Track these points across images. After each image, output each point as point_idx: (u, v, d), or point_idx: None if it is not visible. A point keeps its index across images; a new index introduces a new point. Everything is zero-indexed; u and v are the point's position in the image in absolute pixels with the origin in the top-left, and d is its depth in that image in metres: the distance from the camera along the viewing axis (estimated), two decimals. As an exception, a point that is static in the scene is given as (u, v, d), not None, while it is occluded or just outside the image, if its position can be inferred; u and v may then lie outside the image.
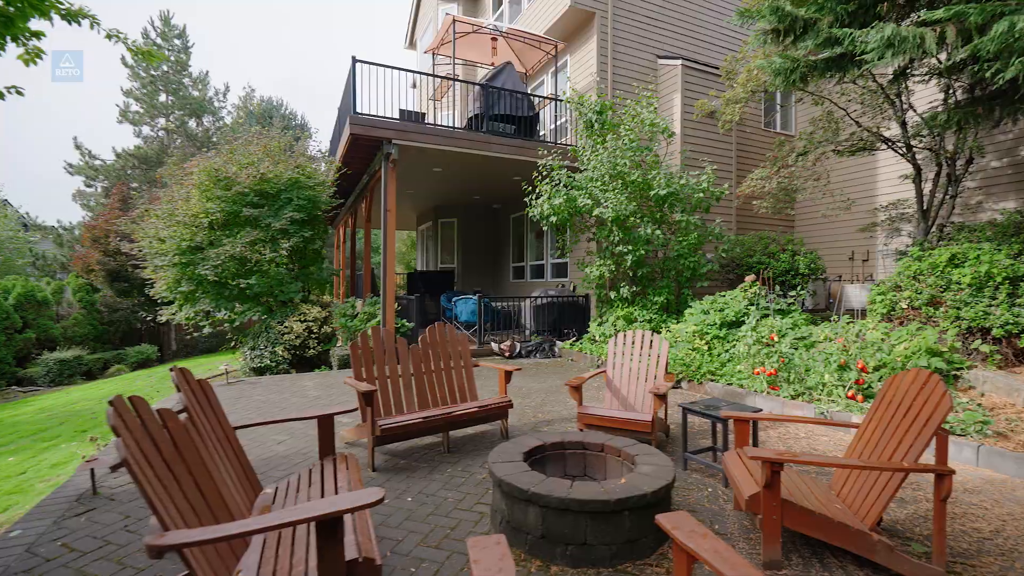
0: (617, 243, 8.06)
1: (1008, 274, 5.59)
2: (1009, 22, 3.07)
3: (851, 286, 9.60)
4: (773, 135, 11.31)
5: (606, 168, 7.94)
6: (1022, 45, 3.22)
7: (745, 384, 5.69)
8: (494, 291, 14.97)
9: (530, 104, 9.81)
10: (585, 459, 3.20)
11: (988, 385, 4.92)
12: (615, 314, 8.58)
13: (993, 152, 8.99)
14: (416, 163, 9.87)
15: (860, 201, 10.34)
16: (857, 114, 7.90)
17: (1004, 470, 3.48)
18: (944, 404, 2.19)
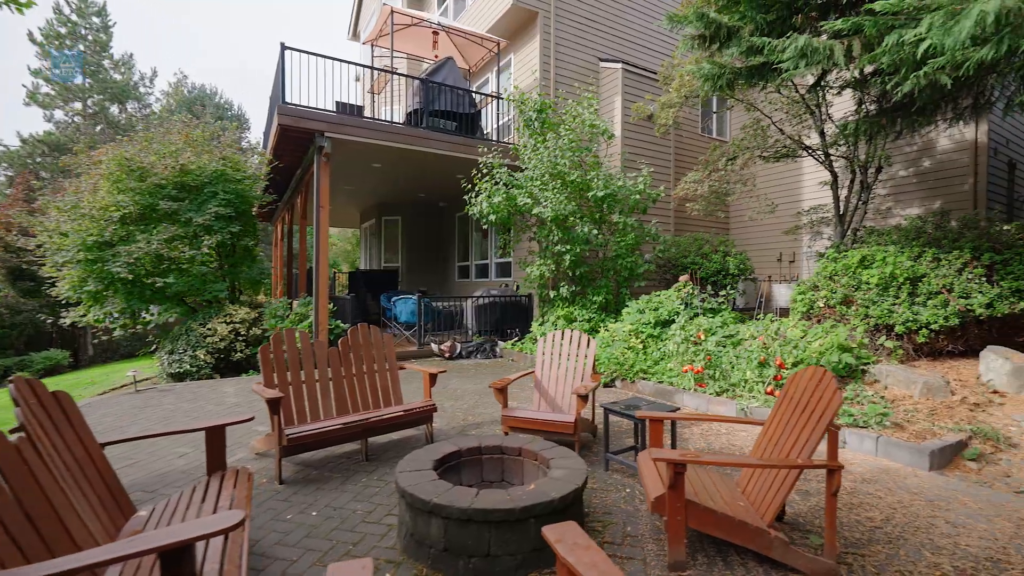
0: (556, 243, 8.08)
1: (909, 275, 6.01)
2: (898, 35, 3.27)
3: (778, 286, 10.11)
4: (709, 140, 11.73)
5: (546, 167, 7.93)
6: (913, 59, 3.43)
7: (675, 382, 5.81)
8: (440, 291, 14.73)
9: (472, 101, 9.67)
10: (503, 464, 3.11)
11: (891, 379, 5.26)
12: (555, 313, 8.60)
13: (901, 162, 9.72)
14: (354, 158, 9.50)
15: (787, 205, 10.92)
16: (782, 122, 8.31)
17: (899, 459, 3.69)
18: (835, 401, 2.25)
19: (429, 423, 4.21)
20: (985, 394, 4.91)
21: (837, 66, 4.46)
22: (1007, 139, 9.50)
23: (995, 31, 2.62)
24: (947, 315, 5.58)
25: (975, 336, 5.77)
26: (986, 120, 8.67)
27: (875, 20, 3.54)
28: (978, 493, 3.18)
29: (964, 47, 2.78)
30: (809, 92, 7.35)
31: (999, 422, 4.37)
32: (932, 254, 6.07)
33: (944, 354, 5.96)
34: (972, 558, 2.41)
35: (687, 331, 6.05)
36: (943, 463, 3.62)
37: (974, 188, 8.74)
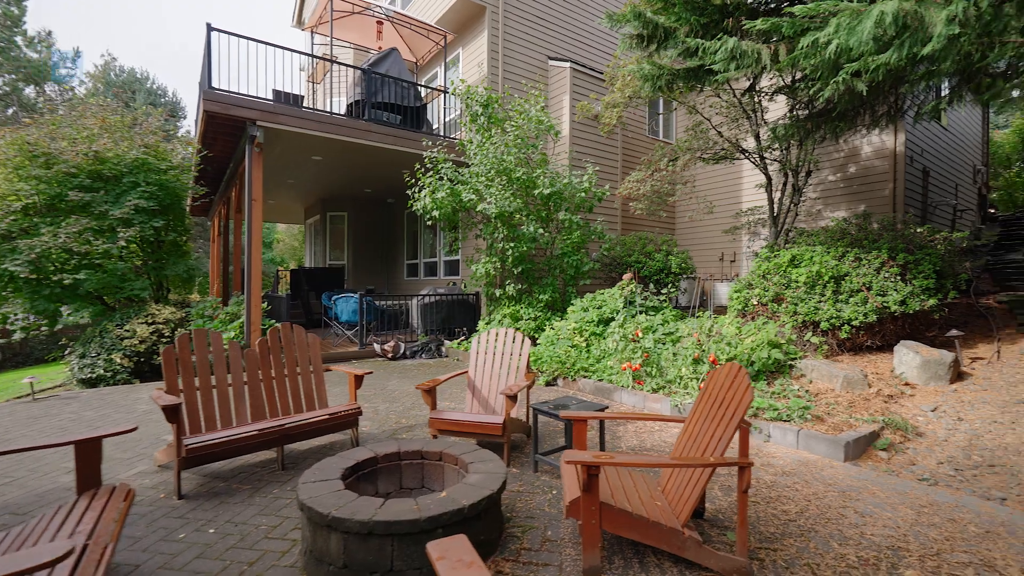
0: (501, 240, 7.98)
1: (833, 274, 6.29)
2: (812, 37, 3.38)
3: (720, 284, 10.44)
4: (655, 142, 11.97)
5: (491, 163, 7.81)
6: (829, 61, 3.55)
7: (614, 380, 5.83)
8: (389, 289, 14.35)
9: (417, 94, 9.41)
10: (423, 470, 2.96)
11: (815, 373, 5.47)
12: (502, 312, 8.49)
13: (830, 167, 10.24)
14: (293, 150, 9.05)
15: (727, 206, 11.30)
16: (721, 125, 8.55)
17: (818, 451, 3.81)
18: (746, 398, 2.24)
19: (354, 427, 3.99)
20: (898, 386, 5.19)
21: (765, 69, 4.57)
22: (922, 148, 10.20)
23: (895, 34, 2.74)
24: (866, 312, 5.89)
25: (891, 331, 6.11)
26: (903, 130, 9.27)
27: (792, 22, 3.64)
28: (886, 482, 3.31)
29: (868, 48, 2.88)
30: (746, 96, 7.59)
31: (909, 412, 4.62)
32: (854, 254, 6.38)
33: (864, 349, 6.29)
34: (875, 547, 2.48)
35: (625, 329, 6.10)
36: (857, 454, 3.76)
37: (893, 193, 9.32)
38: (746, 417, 4.43)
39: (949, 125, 11.87)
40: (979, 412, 4.44)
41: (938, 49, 2.63)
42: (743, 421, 2.25)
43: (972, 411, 4.49)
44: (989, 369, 5.42)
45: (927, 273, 6.00)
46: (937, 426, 4.31)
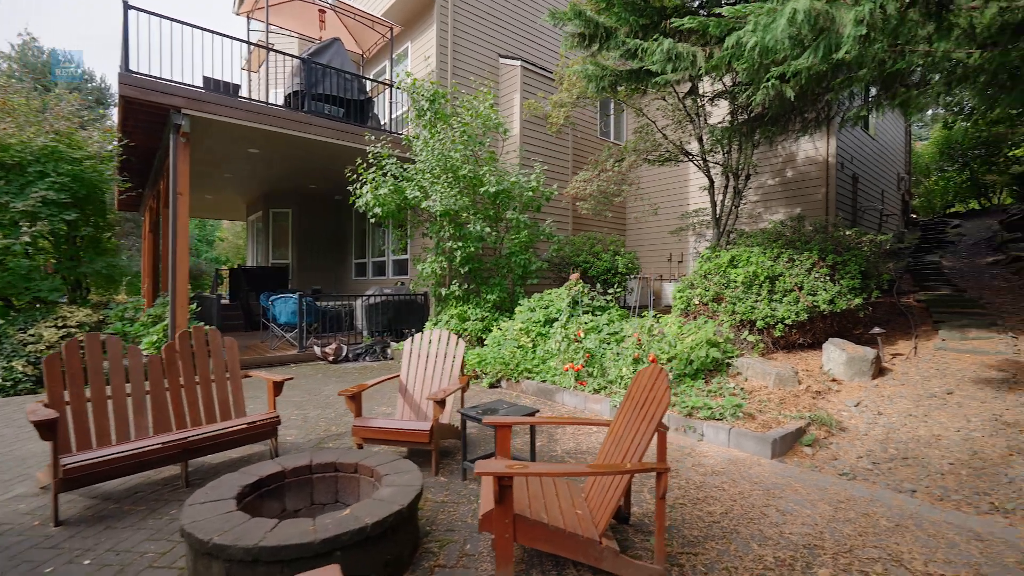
0: (448, 239, 7.79)
1: (768, 274, 6.49)
2: (736, 36, 3.42)
3: (668, 284, 10.65)
4: (605, 142, 12.09)
5: (436, 160, 7.61)
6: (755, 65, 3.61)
7: (557, 380, 5.77)
8: (337, 289, 13.83)
9: (361, 87, 9.08)
10: (338, 483, 2.75)
11: (750, 371, 5.61)
12: (449, 312, 8.31)
13: (769, 172, 10.64)
14: (226, 141, 8.51)
15: (675, 207, 11.55)
16: (667, 128, 8.69)
17: (747, 448, 3.86)
18: (664, 401, 2.18)
19: (273, 437, 3.72)
20: (826, 382, 5.39)
21: (701, 72, 4.61)
22: (852, 156, 10.77)
23: (810, 33, 2.79)
24: (798, 311, 6.10)
25: (820, 329, 6.36)
26: (835, 138, 9.74)
27: (719, 22, 3.68)
28: (808, 478, 3.38)
29: (784, 47, 2.93)
30: (690, 100, 7.74)
31: (834, 408, 4.79)
32: (788, 255, 6.60)
33: (797, 346, 6.52)
34: (793, 546, 2.48)
35: (567, 330, 6.05)
36: (783, 450, 3.83)
37: (826, 197, 9.78)
38: (682, 416, 4.47)
39: (876, 135, 12.61)
40: (896, 406, 4.65)
41: (853, 54, 2.70)
42: (660, 425, 2.19)
43: (890, 405, 4.70)
44: (907, 364, 5.72)
45: (853, 273, 6.28)
46: (859, 420, 4.47)
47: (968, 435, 3.96)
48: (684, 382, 5.39)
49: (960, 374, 5.22)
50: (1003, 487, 3.19)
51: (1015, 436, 3.85)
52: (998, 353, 5.60)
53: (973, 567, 2.32)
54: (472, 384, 6.45)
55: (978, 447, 3.75)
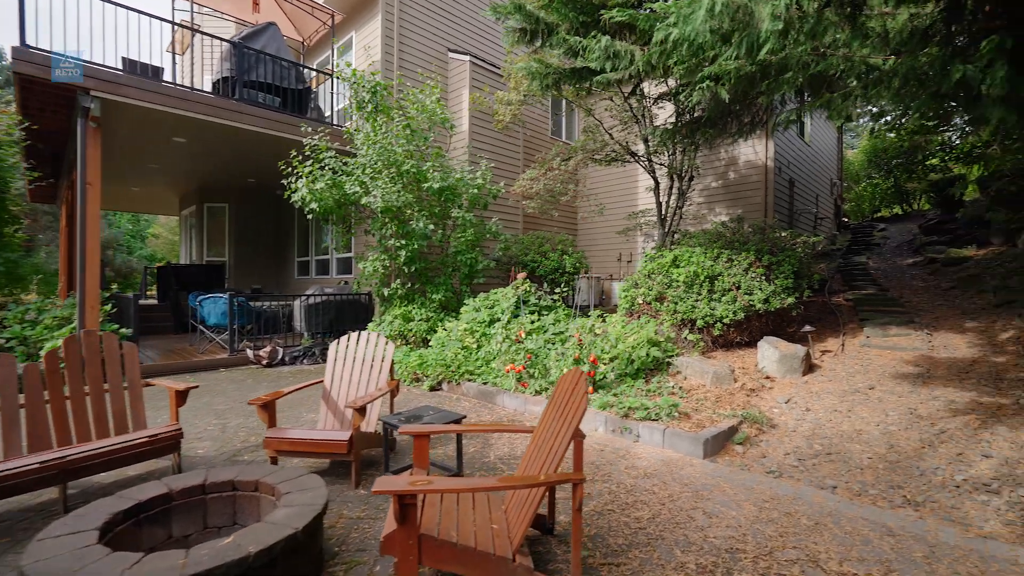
0: (390, 236, 7.50)
1: (708, 274, 6.60)
2: (664, 31, 3.41)
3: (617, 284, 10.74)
4: (556, 142, 12.09)
5: (378, 154, 7.31)
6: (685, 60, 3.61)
7: (499, 382, 5.63)
8: (279, 288, 13.17)
9: (300, 76, 8.62)
10: (235, 504, 2.49)
11: (689, 370, 5.67)
12: (393, 313, 8.02)
13: (713, 174, 10.93)
14: (147, 128, 7.86)
15: (625, 208, 11.68)
16: (614, 128, 8.74)
17: (681, 449, 3.85)
18: (581, 407, 2.07)
19: (175, 452, 3.37)
20: (760, 380, 5.52)
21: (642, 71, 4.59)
22: (789, 161, 11.24)
23: (730, 25, 2.80)
24: (735, 310, 6.23)
25: (756, 328, 6.54)
26: (772, 143, 10.11)
27: (647, 15, 3.66)
28: (737, 478, 3.39)
29: (706, 40, 2.93)
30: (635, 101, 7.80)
31: (766, 405, 4.89)
32: (727, 255, 6.75)
33: (734, 344, 6.68)
34: (715, 551, 2.44)
35: (509, 330, 5.93)
36: (716, 449, 3.85)
37: (764, 200, 10.14)
38: (619, 418, 4.42)
39: (811, 142, 13.25)
40: (823, 402, 4.80)
41: (776, 53, 2.73)
42: (577, 432, 2.08)
43: (818, 401, 4.84)
44: (835, 361, 5.95)
45: (787, 274, 6.48)
46: (788, 417, 4.58)
47: (886, 429, 4.12)
48: (625, 382, 5.38)
49: (881, 370, 5.46)
50: (915, 480, 3.30)
51: (927, 429, 4.03)
52: (915, 349, 5.92)
53: (884, 564, 2.34)
54: (412, 387, 6.22)
55: (894, 440, 3.90)
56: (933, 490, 3.16)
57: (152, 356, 7.88)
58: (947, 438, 3.85)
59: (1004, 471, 3.33)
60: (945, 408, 4.36)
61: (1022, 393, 4.45)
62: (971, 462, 3.48)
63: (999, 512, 2.89)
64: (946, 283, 8.29)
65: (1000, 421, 4.01)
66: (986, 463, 3.45)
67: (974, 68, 2.38)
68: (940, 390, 4.74)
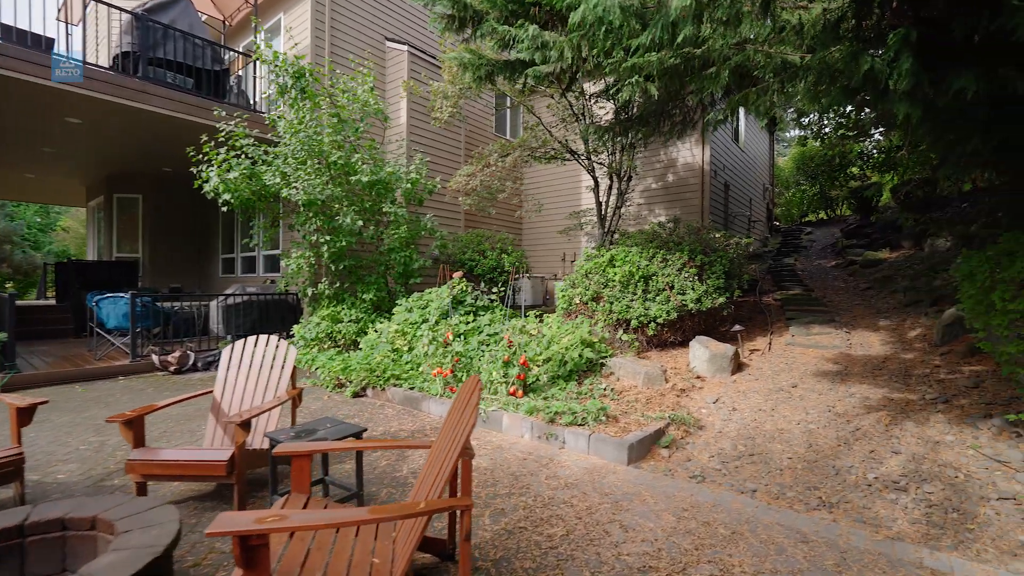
0: (315, 232, 7.01)
1: (643, 273, 6.58)
2: (581, 13, 3.27)
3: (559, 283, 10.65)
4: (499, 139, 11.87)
5: (302, 143, 6.80)
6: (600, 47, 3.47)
7: (426, 387, 5.32)
8: (202, 287, 12.19)
9: (217, 56, 7.93)
10: (66, 546, 2.07)
11: (622, 371, 5.59)
12: (320, 314, 7.52)
13: (652, 176, 11.07)
14: (32, 107, 6.94)
15: (568, 207, 11.63)
16: (553, 125, 8.61)
17: (606, 455, 3.70)
18: (471, 421, 1.82)
19: (17, 481, 2.85)
20: (691, 380, 5.52)
21: (568, 62, 4.43)
22: (724, 165, 11.58)
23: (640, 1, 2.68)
24: (668, 309, 6.23)
25: (689, 328, 6.58)
26: (709, 147, 10.36)
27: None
28: (659, 485, 3.26)
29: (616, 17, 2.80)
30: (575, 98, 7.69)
31: (696, 405, 4.87)
32: (662, 255, 6.75)
33: (668, 344, 6.69)
34: (627, 571, 2.27)
35: (436, 331, 5.63)
36: (641, 454, 3.73)
37: (701, 202, 10.37)
38: (544, 423, 4.21)
39: (745, 147, 13.76)
40: (749, 401, 4.83)
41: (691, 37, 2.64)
42: (466, 450, 1.83)
43: (744, 400, 4.86)
44: (762, 360, 6.06)
45: (719, 274, 6.56)
46: (716, 417, 4.55)
47: (807, 427, 4.16)
48: (557, 384, 5.22)
49: (804, 368, 5.59)
50: (830, 480, 3.30)
51: (843, 426, 4.10)
52: (834, 347, 6.13)
53: (797, 575, 2.25)
54: (334, 394, 5.80)
55: (814, 439, 3.93)
56: (847, 490, 3.16)
57: (38, 364, 6.97)
58: (861, 435, 3.92)
59: (911, 467, 3.40)
60: (860, 405, 4.47)
61: (927, 389, 4.64)
62: (882, 459, 3.54)
63: (906, 510, 2.91)
64: (863, 284, 8.74)
65: (908, 416, 4.14)
66: (895, 460, 3.51)
67: (881, 60, 2.37)
68: (856, 387, 4.88)
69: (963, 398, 4.35)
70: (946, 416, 4.07)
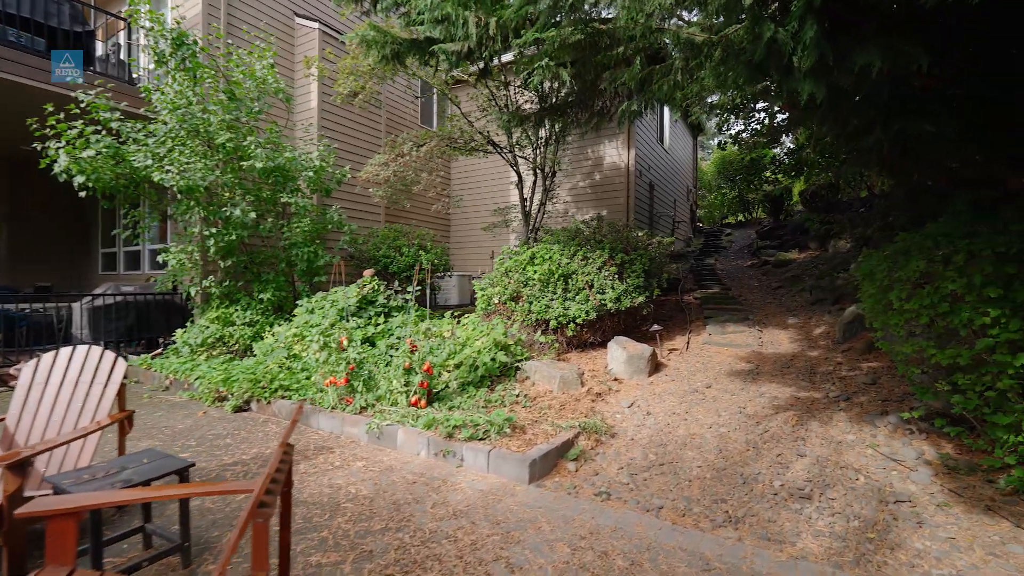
0: (198, 223, 6.15)
1: (564, 272, 6.32)
2: None
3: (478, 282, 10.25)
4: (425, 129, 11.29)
5: (180, 120, 5.92)
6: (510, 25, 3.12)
7: (319, 399, 4.72)
8: (80, 286, 10.62)
9: (77, 15, 6.78)
10: None
11: (538, 375, 5.27)
12: (208, 316, 6.64)
13: (580, 173, 10.96)
14: None
15: (497, 203, 11.27)
16: (478, 116, 8.19)
17: (506, 473, 3.33)
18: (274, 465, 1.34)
19: None
20: (608, 382, 5.31)
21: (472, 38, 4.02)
22: (649, 165, 11.71)
23: None
24: (588, 309, 6.01)
25: (609, 328, 6.40)
26: (634, 147, 10.39)
27: None
28: (560, 507, 2.93)
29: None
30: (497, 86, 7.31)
31: (610, 410, 4.63)
32: (583, 253, 6.53)
33: (588, 345, 6.49)
34: (504, 627, 1.89)
35: (329, 336, 5.04)
36: (545, 471, 3.39)
37: (627, 201, 10.38)
38: (442, 439, 3.72)
39: (670, 149, 14.08)
40: (664, 404, 4.66)
41: None
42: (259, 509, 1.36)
43: (659, 403, 4.70)
44: (680, 359, 5.98)
45: (638, 272, 6.42)
46: (630, 423, 4.33)
47: (718, 431, 4.02)
48: (467, 391, 4.80)
49: (719, 367, 5.56)
50: (738, 490, 3.13)
51: (752, 428, 4.00)
52: (747, 346, 6.18)
53: (696, 614, 1.97)
54: (213, 409, 5.04)
55: (724, 444, 3.79)
56: (754, 501, 2.99)
57: None
58: (770, 437, 3.83)
59: (815, 472, 3.30)
60: (770, 405, 4.42)
61: (831, 387, 4.70)
62: (788, 463, 3.43)
63: (810, 521, 2.77)
64: (775, 282, 9.06)
65: (813, 416, 4.12)
66: (801, 464, 3.42)
67: (785, 32, 2.19)
68: (767, 386, 4.86)
69: (862, 395, 4.42)
70: (847, 414, 4.08)
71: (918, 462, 3.34)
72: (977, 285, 2.73)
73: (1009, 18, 2.78)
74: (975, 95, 2.93)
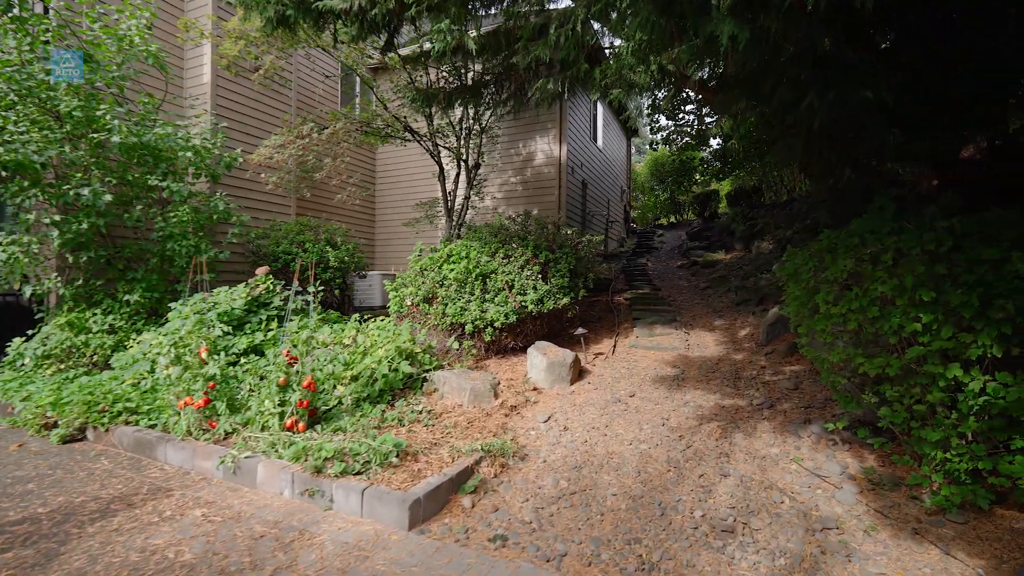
0: (31, 209, 5.04)
1: (483, 271, 5.77)
2: None
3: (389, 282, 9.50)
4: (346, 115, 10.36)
5: (6, 79, 4.79)
6: None
7: (171, 424, 3.86)
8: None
9: None
10: None
11: (447, 386, 4.68)
12: (57, 322, 5.50)
13: (511, 168, 10.47)
14: None
15: (420, 195, 10.54)
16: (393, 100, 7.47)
17: (382, 517, 2.71)
18: None
19: None
20: (525, 393, 4.80)
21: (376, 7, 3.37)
22: (582, 163, 11.43)
23: None
24: (507, 312, 5.50)
25: (531, 331, 5.91)
26: (567, 143, 10.04)
27: None
28: (440, 564, 2.36)
29: None
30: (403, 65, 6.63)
31: (525, 426, 4.13)
32: (504, 251, 6.02)
33: (509, 351, 5.96)
34: None
35: (183, 346, 4.18)
36: (432, 511, 2.81)
37: (558, 198, 10.01)
38: (309, 475, 2.98)
39: (604, 148, 13.93)
40: (584, 417, 4.22)
41: None
42: None
43: (579, 416, 4.25)
44: (605, 365, 5.60)
45: (563, 272, 5.98)
46: (544, 441, 3.85)
47: (639, 448, 3.62)
48: (363, 408, 4.13)
49: (644, 373, 5.22)
50: (655, 524, 2.70)
51: (675, 444, 3.63)
52: (674, 349, 5.91)
53: None
54: (36, 439, 4.03)
55: (644, 464, 3.38)
56: (671, 538, 2.57)
57: None
58: (692, 455, 3.47)
59: (739, 495, 2.95)
60: (694, 415, 4.09)
61: (755, 393, 4.45)
62: (711, 486, 3.07)
63: (733, 563, 2.37)
64: (703, 283, 9.01)
65: (737, 427, 3.82)
66: (724, 486, 3.06)
67: None
68: (691, 393, 4.55)
69: (785, 401, 4.19)
70: (771, 423, 3.81)
71: (842, 478, 3.08)
72: (908, 287, 2.45)
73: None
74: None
